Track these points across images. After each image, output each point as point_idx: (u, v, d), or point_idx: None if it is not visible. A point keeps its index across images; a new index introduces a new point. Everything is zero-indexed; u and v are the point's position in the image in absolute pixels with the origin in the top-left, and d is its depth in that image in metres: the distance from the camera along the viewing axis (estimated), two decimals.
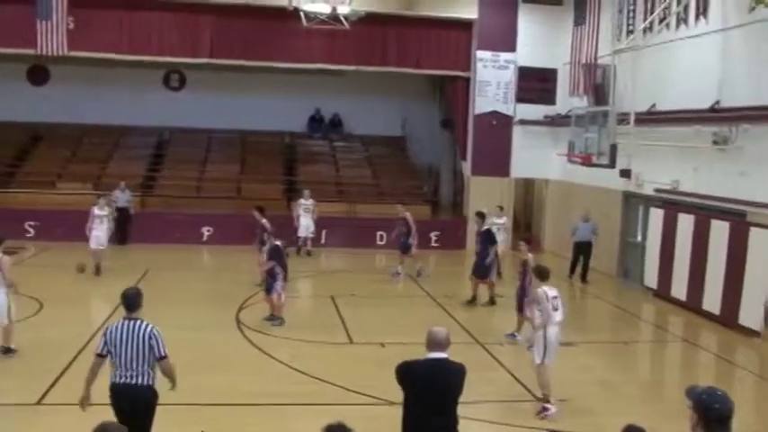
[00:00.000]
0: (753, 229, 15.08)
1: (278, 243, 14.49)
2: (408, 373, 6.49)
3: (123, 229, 22.54)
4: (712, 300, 16.15)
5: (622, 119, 17.32)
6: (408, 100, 28.92)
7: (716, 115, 16.01)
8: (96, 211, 18.46)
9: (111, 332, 7.38)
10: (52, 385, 10.42)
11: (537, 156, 24.21)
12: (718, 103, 16.03)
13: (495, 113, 24.50)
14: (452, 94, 25.77)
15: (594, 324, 15.92)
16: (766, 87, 14.58)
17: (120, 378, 7.35)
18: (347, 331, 14.22)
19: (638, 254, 19.40)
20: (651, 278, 18.66)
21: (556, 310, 10.52)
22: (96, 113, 26.94)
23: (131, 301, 7.55)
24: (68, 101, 26.84)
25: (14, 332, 11.97)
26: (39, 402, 9.98)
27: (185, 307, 15.37)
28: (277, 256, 14.25)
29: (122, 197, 22.77)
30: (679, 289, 17.38)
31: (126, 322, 7.41)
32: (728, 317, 15.59)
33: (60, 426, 9.09)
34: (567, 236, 22.67)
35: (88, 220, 18.30)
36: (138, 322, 7.40)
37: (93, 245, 18.26)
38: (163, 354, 7.37)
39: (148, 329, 7.36)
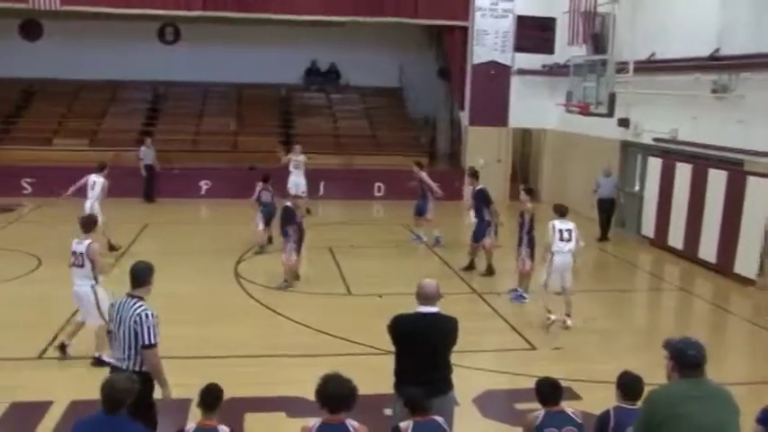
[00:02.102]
0: (750, 178, 15.08)
1: (288, 204, 13.92)
2: (399, 327, 6.47)
3: (151, 187, 22.60)
4: (708, 248, 16.21)
5: (621, 68, 17.22)
6: (405, 50, 28.66)
7: (715, 63, 15.90)
8: None
9: (113, 307, 6.79)
10: (52, 341, 10.46)
11: (535, 105, 24.06)
12: (717, 50, 15.91)
13: (493, 63, 24.33)
14: (450, 43, 25.53)
15: (591, 273, 15.97)
16: (765, 34, 14.45)
17: (115, 360, 6.77)
18: (345, 283, 14.28)
19: (635, 203, 19.40)
20: (648, 227, 18.70)
21: (563, 240, 11.68)
22: (90, 68, 26.70)
23: (136, 275, 6.74)
24: (62, 56, 26.56)
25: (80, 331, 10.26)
26: (39, 357, 10.06)
27: (184, 260, 15.42)
28: (287, 217, 13.70)
29: (149, 154, 22.70)
30: (676, 238, 17.44)
31: (126, 299, 6.68)
32: (724, 265, 15.66)
33: (60, 380, 9.18)
34: (564, 186, 22.69)
35: None
36: (134, 301, 6.60)
37: None
38: (147, 341, 6.48)
39: (138, 310, 6.50)
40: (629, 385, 6.01)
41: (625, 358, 9.74)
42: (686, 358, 4.88)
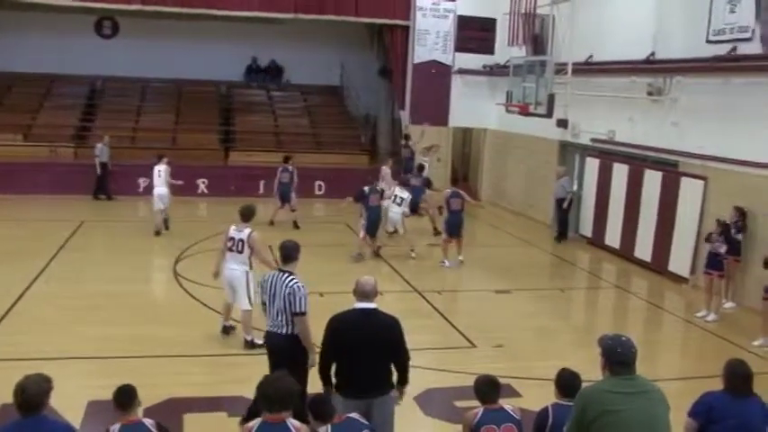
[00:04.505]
0: (684, 179, 15.43)
1: (364, 188, 16.24)
2: (337, 325, 6.47)
3: (104, 184, 22.26)
4: (644, 247, 16.55)
5: (560, 69, 17.44)
6: (346, 49, 28.61)
7: (650, 66, 16.29)
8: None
9: (265, 281, 7.56)
10: None
11: (475, 105, 24.26)
12: (653, 54, 16.28)
13: (434, 63, 24.45)
14: (391, 42, 25.55)
15: (530, 272, 16.17)
16: (699, 40, 14.81)
17: (270, 326, 7.60)
18: None
19: (574, 203, 19.68)
20: (586, 227, 19.01)
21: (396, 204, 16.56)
22: (24, 61, 26.05)
23: (287, 252, 7.63)
24: None
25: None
26: None
27: (123, 259, 15.20)
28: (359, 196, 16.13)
29: (105, 151, 22.21)
30: (613, 237, 17.76)
31: (278, 273, 7.52)
32: (659, 264, 16.02)
33: None
34: (503, 186, 22.93)
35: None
36: (286, 275, 7.44)
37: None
38: (298, 310, 7.32)
39: (291, 283, 7.36)
40: (566, 383, 6.08)
41: (563, 356, 9.91)
42: (615, 356, 4.97)
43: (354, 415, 5.76)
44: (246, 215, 10.52)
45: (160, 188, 17.68)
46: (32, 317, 11.43)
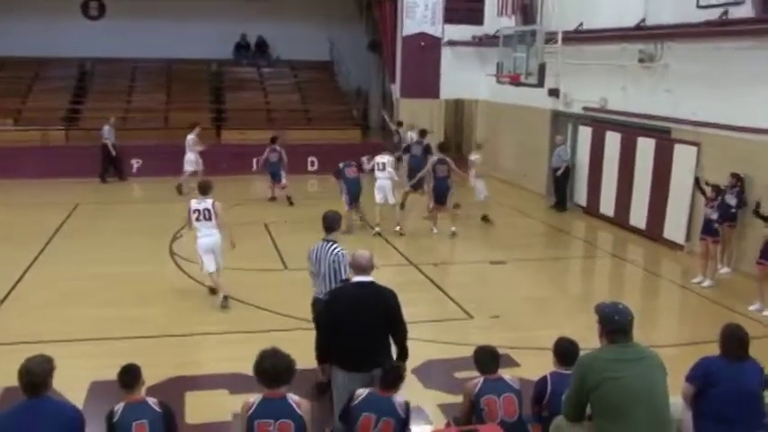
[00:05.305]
0: (677, 146, 15.44)
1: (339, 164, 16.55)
2: (333, 299, 6.55)
3: (113, 166, 22.28)
4: (638, 215, 16.59)
5: (550, 38, 17.35)
6: (335, 23, 28.50)
7: (641, 33, 16.17)
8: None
9: (312, 252, 7.94)
10: None
11: (466, 77, 24.14)
12: (643, 20, 16.18)
13: (423, 35, 24.29)
14: (380, 15, 25.40)
15: (525, 242, 16.20)
16: (690, 5, 14.74)
17: (317, 294, 7.98)
18: (281, 257, 14.24)
19: (570, 173, 19.64)
20: (580, 196, 19.04)
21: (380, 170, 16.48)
22: (11, 45, 25.81)
23: (329, 223, 8.02)
24: None
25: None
26: None
27: (117, 240, 15.20)
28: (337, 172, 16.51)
29: (112, 133, 22.16)
30: (607, 205, 17.79)
31: (323, 243, 7.89)
32: (654, 231, 16.06)
33: None
34: (497, 157, 22.91)
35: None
36: (330, 244, 7.83)
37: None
38: (344, 276, 7.56)
39: (336, 251, 7.74)
40: (564, 351, 6.14)
41: (561, 324, 9.95)
42: (612, 324, 5.02)
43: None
44: (205, 188, 11.30)
45: (189, 154, 20.14)
46: (31, 300, 11.45)
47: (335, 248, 7.78)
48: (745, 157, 13.41)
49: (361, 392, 5.86)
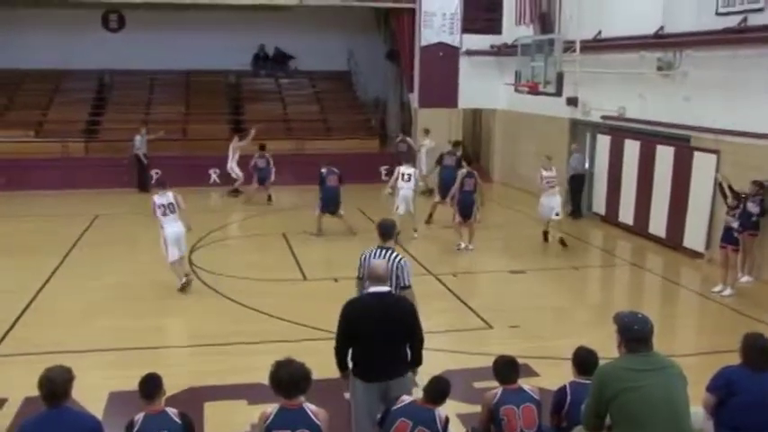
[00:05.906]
0: (696, 154, 15.35)
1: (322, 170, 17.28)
2: (350, 310, 6.49)
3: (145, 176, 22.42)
4: (658, 223, 16.49)
5: (568, 47, 17.33)
6: (353, 34, 28.53)
7: (660, 41, 16.14)
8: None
9: (365, 258, 7.77)
10: (4, 336, 10.31)
11: (484, 86, 24.14)
12: (662, 28, 16.13)
13: (441, 44, 24.32)
14: (398, 26, 25.43)
15: (545, 251, 16.14)
16: (708, 12, 14.67)
17: None
18: (300, 268, 14.26)
19: (586, 181, 19.61)
20: (599, 204, 18.95)
21: (404, 181, 16.55)
22: (32, 58, 26.01)
23: (385, 230, 7.92)
24: (2, 46, 25.87)
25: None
26: None
27: (139, 250, 15.26)
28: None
29: (144, 142, 22.44)
30: (626, 214, 17.70)
31: (379, 250, 7.75)
32: (674, 239, 15.96)
33: (15, 377, 8.98)
34: (515, 166, 22.88)
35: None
36: (389, 251, 7.72)
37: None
38: (405, 283, 7.64)
39: (397, 260, 7.66)
40: (584, 361, 6.11)
41: (580, 334, 9.91)
42: (632, 333, 4.97)
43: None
44: (163, 183, 12.80)
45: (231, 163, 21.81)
46: (51, 311, 11.53)
47: (397, 256, 7.73)
48: (766, 165, 13.30)
49: (405, 399, 5.89)
